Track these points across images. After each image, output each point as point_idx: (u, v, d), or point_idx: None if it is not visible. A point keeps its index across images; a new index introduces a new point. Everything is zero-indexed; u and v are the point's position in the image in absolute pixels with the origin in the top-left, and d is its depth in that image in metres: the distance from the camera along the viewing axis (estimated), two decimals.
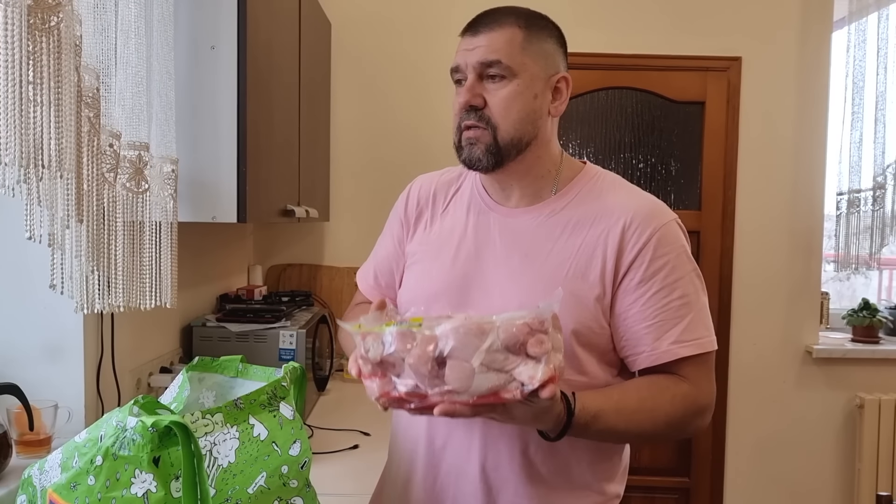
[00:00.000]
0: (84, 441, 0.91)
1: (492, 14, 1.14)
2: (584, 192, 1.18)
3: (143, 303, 1.35)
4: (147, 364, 1.78)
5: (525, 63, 1.12)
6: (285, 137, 2.07)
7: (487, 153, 1.13)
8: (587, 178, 1.20)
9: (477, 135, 1.13)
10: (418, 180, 1.34)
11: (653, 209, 1.15)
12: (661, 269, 1.11)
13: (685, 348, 1.11)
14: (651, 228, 1.12)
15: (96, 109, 1.16)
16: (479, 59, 1.11)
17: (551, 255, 1.15)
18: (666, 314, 1.11)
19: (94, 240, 1.18)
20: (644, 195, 1.19)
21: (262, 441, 0.98)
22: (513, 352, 0.87)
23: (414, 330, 0.89)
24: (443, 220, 1.26)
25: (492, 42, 1.11)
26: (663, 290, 1.11)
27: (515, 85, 1.11)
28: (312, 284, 2.88)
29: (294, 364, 1.12)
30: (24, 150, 0.96)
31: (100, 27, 1.20)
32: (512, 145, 1.13)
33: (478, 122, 1.12)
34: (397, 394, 0.91)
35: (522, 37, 1.12)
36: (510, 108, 1.11)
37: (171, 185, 1.41)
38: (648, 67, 2.94)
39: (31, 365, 1.40)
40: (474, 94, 1.12)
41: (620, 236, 1.12)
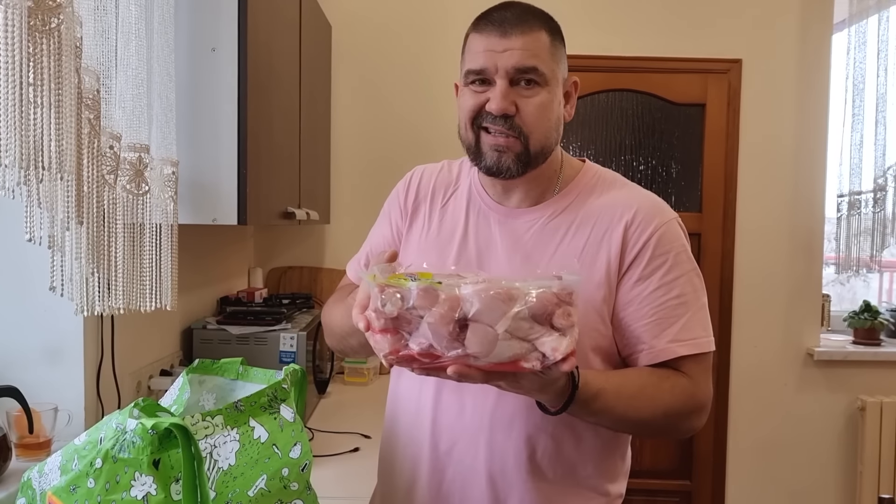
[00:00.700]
0: (84, 444, 0.91)
1: (517, 14, 1.08)
2: (586, 191, 1.17)
3: (143, 305, 1.34)
4: (147, 367, 1.78)
5: (554, 69, 1.09)
6: (286, 139, 2.07)
7: (518, 162, 1.09)
8: (588, 176, 1.19)
9: (508, 143, 1.08)
10: (419, 170, 1.30)
11: (654, 207, 1.14)
12: (660, 268, 1.10)
13: (682, 347, 1.10)
14: (653, 226, 1.11)
15: (97, 111, 1.16)
16: (514, 65, 1.06)
17: (555, 256, 1.13)
18: (663, 312, 1.10)
19: (94, 242, 1.18)
20: (644, 193, 1.18)
21: (262, 443, 0.98)
22: (539, 321, 0.85)
23: (437, 288, 0.85)
24: (441, 219, 1.23)
25: (528, 46, 1.06)
26: (661, 288, 1.10)
27: (547, 93, 1.08)
28: (313, 287, 2.87)
29: (295, 366, 1.12)
30: (25, 152, 0.96)
31: (100, 29, 1.20)
32: (541, 153, 1.11)
33: (509, 131, 1.08)
34: (408, 352, 0.88)
35: (549, 42, 1.09)
36: (543, 116, 1.08)
37: (171, 187, 1.41)
38: (649, 70, 2.94)
39: (31, 367, 1.40)
40: (510, 101, 1.07)
41: (623, 234, 1.11)
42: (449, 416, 1.17)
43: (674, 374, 1.10)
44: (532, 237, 1.15)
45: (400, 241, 1.27)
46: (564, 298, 0.85)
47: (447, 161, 1.29)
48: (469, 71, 1.09)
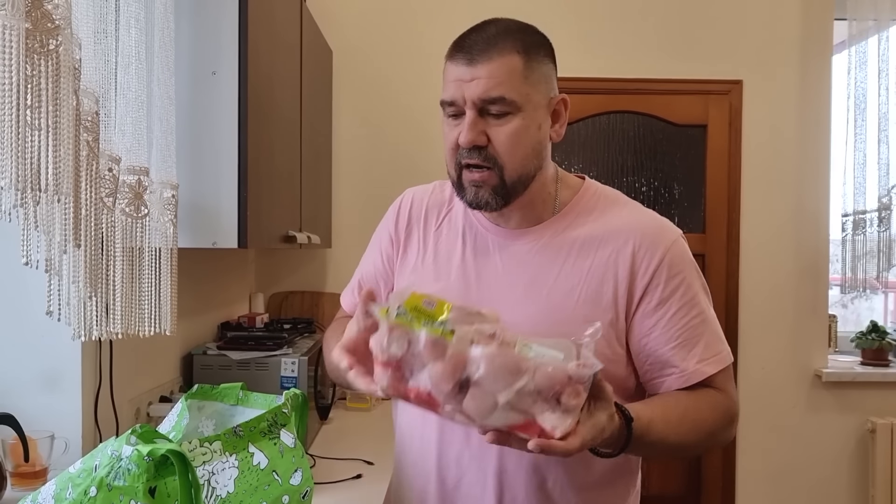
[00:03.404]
0: (78, 472, 0.88)
1: (486, 38, 1.03)
2: (586, 211, 1.14)
3: (142, 330, 1.32)
4: (146, 393, 1.75)
5: (528, 94, 1.04)
6: (286, 163, 2.07)
7: (495, 195, 1.06)
8: (587, 195, 1.16)
9: (483, 177, 1.05)
10: (409, 193, 1.26)
11: (660, 228, 1.12)
12: (678, 289, 1.08)
13: (710, 365, 1.08)
14: (662, 249, 1.09)
15: (95, 133, 1.15)
16: (479, 95, 1.02)
17: (559, 279, 1.10)
18: (688, 333, 1.08)
19: (92, 265, 1.16)
20: (646, 212, 1.16)
21: (262, 470, 0.95)
22: (544, 398, 0.82)
23: (447, 341, 0.83)
24: (437, 241, 1.19)
25: (493, 74, 1.01)
26: (682, 308, 1.08)
27: (520, 119, 1.03)
28: (314, 312, 2.85)
29: (295, 391, 1.10)
30: (22, 174, 0.95)
31: (100, 52, 1.19)
32: (519, 182, 1.07)
33: (483, 162, 1.04)
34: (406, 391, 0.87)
35: (523, 64, 1.03)
36: (516, 145, 1.04)
37: (171, 211, 1.40)
38: (650, 91, 2.94)
39: (28, 394, 1.38)
40: (478, 132, 1.03)
41: (631, 259, 1.08)
42: (455, 448, 1.13)
43: (708, 393, 1.09)
44: (534, 259, 1.12)
45: (392, 270, 1.24)
46: (577, 378, 0.82)
47: (439, 181, 1.26)
48: (442, 101, 1.06)
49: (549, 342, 0.86)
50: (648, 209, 1.17)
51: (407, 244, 1.22)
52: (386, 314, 0.87)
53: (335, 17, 2.85)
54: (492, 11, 1.11)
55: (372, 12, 2.90)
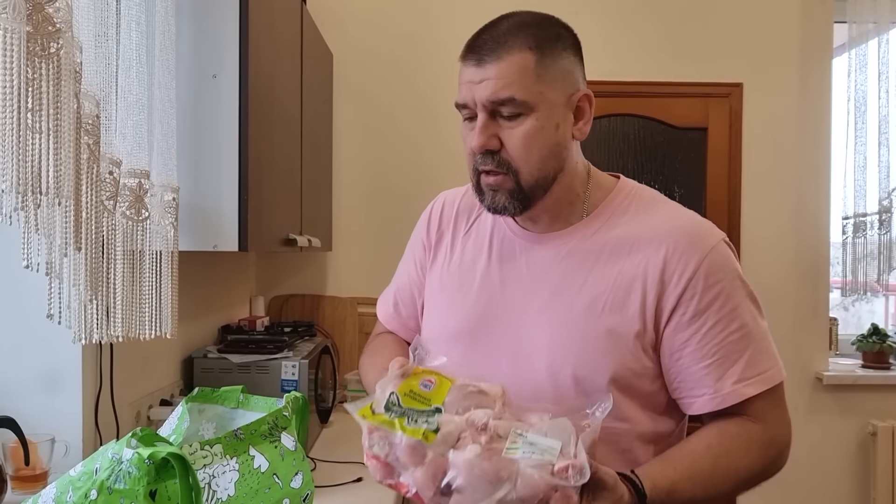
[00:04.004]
0: (79, 475, 0.88)
1: (496, 36, 0.98)
2: (618, 213, 1.07)
3: (142, 333, 1.32)
4: (147, 396, 1.75)
5: (542, 92, 0.98)
6: (287, 166, 2.07)
7: (512, 199, 1.01)
8: (621, 196, 1.09)
9: (498, 181, 1.01)
10: (440, 198, 1.23)
11: (697, 231, 1.03)
12: (716, 300, 0.99)
13: (751, 386, 0.99)
14: (698, 255, 1.00)
15: (96, 136, 1.15)
16: (488, 97, 0.97)
17: (584, 287, 1.03)
18: (725, 349, 0.99)
19: (92, 268, 1.16)
20: (686, 214, 1.08)
21: (262, 473, 0.95)
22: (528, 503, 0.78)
23: (426, 445, 0.81)
24: (464, 246, 1.15)
25: (501, 74, 0.96)
26: (720, 322, 0.99)
27: (534, 120, 0.98)
28: (315, 315, 2.85)
29: (296, 394, 1.10)
30: (22, 177, 0.95)
31: (101, 55, 1.19)
32: (538, 186, 1.01)
33: (497, 168, 1.00)
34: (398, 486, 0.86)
35: (535, 61, 0.97)
36: (531, 147, 0.99)
37: (171, 214, 1.40)
38: (650, 94, 2.94)
39: (28, 397, 1.38)
40: (489, 135, 0.99)
41: (662, 266, 1.00)
42: None
43: (744, 429, 1.00)
44: (560, 265, 1.06)
45: (425, 279, 1.21)
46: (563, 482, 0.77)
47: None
48: (456, 104, 1.03)
49: (547, 425, 0.81)
50: (688, 210, 1.09)
51: (437, 250, 1.19)
52: (364, 414, 0.85)
53: (335, 19, 2.85)
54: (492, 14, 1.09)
55: (372, 15, 2.90)
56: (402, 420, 0.83)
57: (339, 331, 2.83)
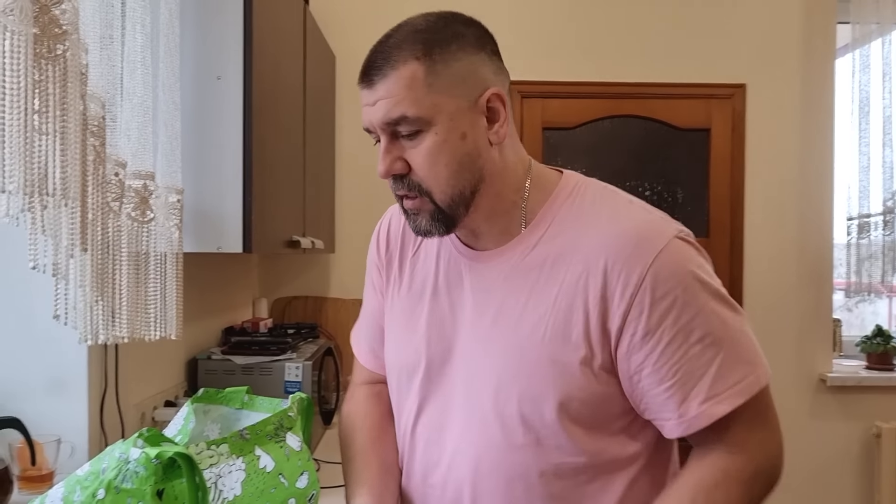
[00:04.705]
0: (86, 474, 0.88)
1: (383, 52, 0.90)
2: (560, 219, 0.95)
3: (147, 334, 1.33)
4: (151, 398, 1.76)
5: (437, 104, 0.88)
6: (291, 168, 2.07)
7: (433, 221, 0.93)
8: (561, 198, 0.96)
9: (415, 205, 0.93)
10: (387, 215, 1.14)
11: (639, 235, 0.89)
12: (669, 312, 0.87)
13: (722, 404, 0.87)
14: (641, 265, 0.87)
15: (102, 138, 1.16)
16: (381, 119, 0.89)
17: (525, 310, 0.93)
18: (688, 366, 0.87)
19: (98, 270, 1.17)
20: (631, 215, 0.93)
21: (268, 473, 0.95)
22: None
23: None
24: (413, 269, 1.06)
25: (390, 92, 0.88)
26: (677, 336, 0.87)
27: (434, 136, 0.88)
28: (318, 317, 2.85)
29: (301, 394, 1.10)
30: (29, 179, 0.95)
31: (106, 57, 1.20)
32: (456, 204, 0.92)
33: (409, 192, 0.92)
34: None
35: (425, 71, 0.88)
36: (436, 165, 0.89)
37: (176, 215, 1.40)
38: (652, 95, 2.95)
39: (34, 398, 1.38)
40: (393, 159, 0.91)
41: (603, 280, 0.88)
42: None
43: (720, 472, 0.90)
44: (502, 287, 0.95)
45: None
46: None
47: None
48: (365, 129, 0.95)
49: None
50: (638, 207, 0.96)
51: (388, 273, 1.10)
52: None
53: (338, 21, 2.86)
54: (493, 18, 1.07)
55: (375, 17, 2.91)
56: None
57: (343, 332, 2.83)
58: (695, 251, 0.92)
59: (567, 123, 2.92)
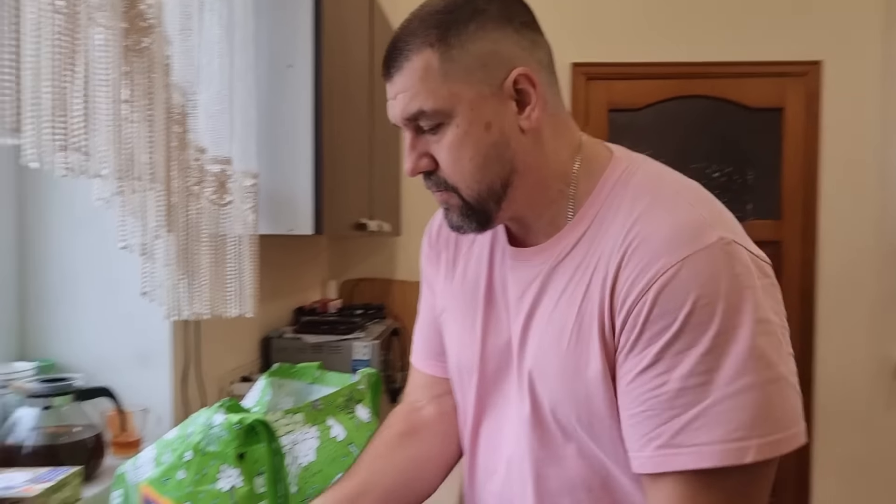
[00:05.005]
0: (174, 438, 0.96)
1: (398, 42, 0.83)
2: (603, 212, 0.83)
3: (226, 311, 1.40)
4: (229, 373, 1.85)
5: (455, 93, 0.80)
6: (359, 152, 2.13)
7: (464, 217, 0.86)
8: (607, 187, 0.84)
9: (445, 199, 0.87)
10: (437, 214, 1.04)
11: (668, 236, 0.75)
12: (661, 336, 0.72)
13: (679, 458, 0.71)
14: (654, 270, 0.74)
15: (184, 125, 1.23)
16: (401, 115, 0.83)
17: (553, 317, 0.84)
18: (659, 400, 0.73)
19: (181, 250, 1.24)
20: (668, 210, 0.78)
21: (339, 442, 1.00)
22: None
23: None
24: (467, 264, 0.98)
25: (406, 86, 0.81)
26: (659, 363, 0.73)
27: (455, 128, 0.81)
28: (385, 298, 2.92)
29: (370, 370, 1.15)
30: (119, 164, 1.02)
31: (186, 48, 1.27)
32: (486, 198, 0.84)
33: (437, 188, 0.87)
34: None
35: (440, 58, 0.80)
36: (460, 160, 0.82)
37: (251, 199, 1.47)
38: (722, 75, 2.88)
39: (123, 371, 1.47)
40: (418, 155, 0.85)
41: (614, 278, 0.77)
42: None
43: None
44: (537, 290, 0.86)
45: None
46: None
47: None
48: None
49: None
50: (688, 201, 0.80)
51: (442, 272, 1.03)
52: None
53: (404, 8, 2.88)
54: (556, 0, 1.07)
55: None
56: None
57: (409, 314, 2.89)
58: (741, 267, 0.73)
59: (633, 105, 2.89)
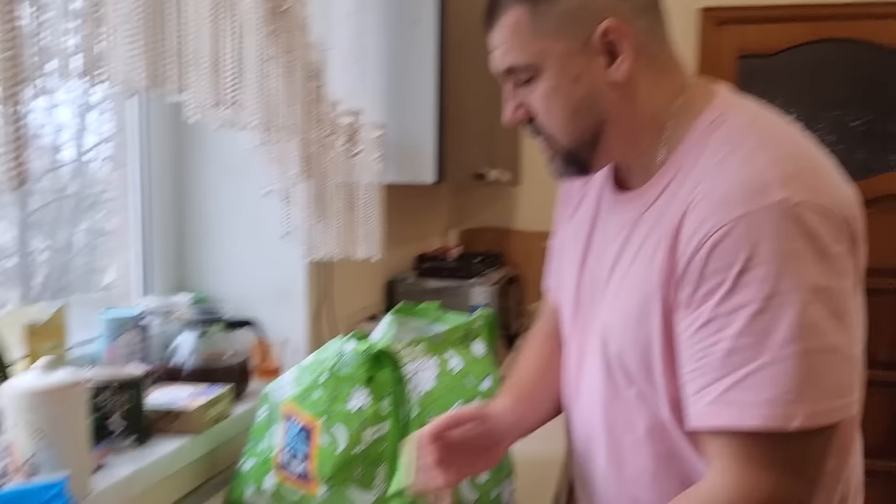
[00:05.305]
0: (312, 362, 1.08)
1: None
2: (689, 160, 0.82)
3: (356, 253, 1.52)
4: (356, 312, 1.99)
5: (543, 48, 0.82)
6: (480, 103, 2.18)
7: (565, 164, 0.90)
8: (696, 134, 0.83)
9: (545, 146, 0.90)
10: None
11: (732, 190, 0.74)
12: (715, 292, 0.73)
13: (722, 414, 0.73)
14: (709, 225, 0.74)
15: (319, 80, 1.33)
16: (498, 69, 0.88)
17: (632, 265, 0.85)
18: (712, 358, 0.74)
19: (317, 196, 1.36)
20: (746, 162, 0.76)
21: (456, 373, 1.09)
22: None
23: None
24: (582, 206, 1.02)
25: (501, 40, 0.85)
26: (714, 322, 0.73)
27: (546, 81, 0.84)
28: (503, 247, 2.99)
29: (487, 309, 1.23)
30: (265, 117, 1.13)
31: (321, 8, 1.36)
32: (580, 148, 0.87)
33: (537, 135, 0.90)
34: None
35: (529, 14, 0.82)
36: (552, 112, 0.85)
37: (378, 149, 1.57)
38: (863, 16, 2.68)
39: (265, 305, 1.63)
40: (515, 106, 0.89)
41: (675, 237, 0.78)
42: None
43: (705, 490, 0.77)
44: (621, 239, 0.89)
45: None
46: None
47: None
48: None
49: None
50: (771, 156, 0.76)
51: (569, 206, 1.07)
52: None
53: None
54: None
55: None
56: None
57: (527, 263, 2.95)
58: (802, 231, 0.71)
59: (766, 50, 2.75)
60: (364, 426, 0.98)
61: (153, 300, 1.46)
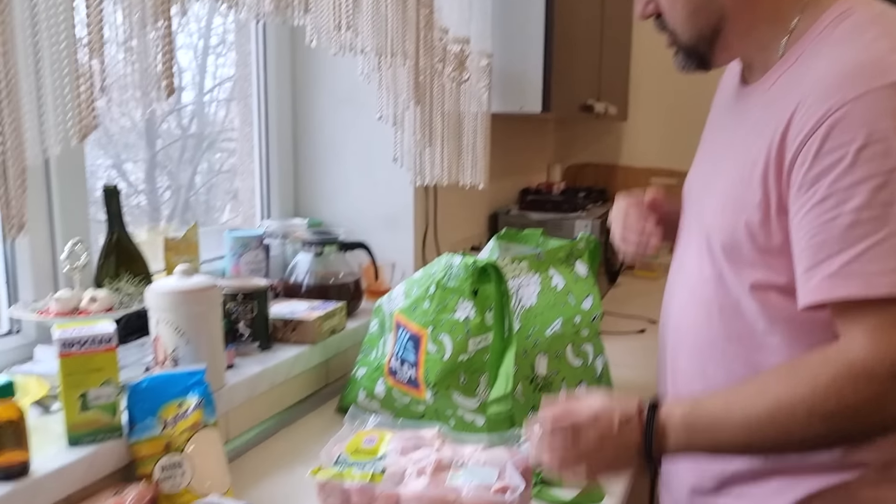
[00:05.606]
0: (421, 276, 1.14)
1: None
2: (810, 51, 0.83)
3: (462, 180, 1.56)
4: (460, 242, 2.05)
5: None
6: (588, 33, 2.14)
7: (686, 58, 0.95)
8: (821, 27, 0.84)
9: (670, 41, 0.96)
10: None
11: (849, 70, 0.76)
12: (832, 169, 0.74)
13: (841, 286, 0.74)
14: (827, 105, 0.75)
15: (430, 7, 1.36)
16: None
17: (741, 149, 0.88)
18: (828, 233, 0.75)
19: (425, 122, 1.40)
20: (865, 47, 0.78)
21: (558, 291, 1.13)
22: None
23: (374, 485, 0.88)
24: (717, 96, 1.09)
25: None
26: (831, 198, 0.74)
27: None
28: (608, 183, 2.95)
29: (589, 234, 1.25)
30: (378, 43, 1.18)
31: None
32: (700, 43, 0.92)
33: (662, 30, 0.96)
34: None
35: None
36: (674, 7, 0.92)
37: (486, 77, 1.59)
38: None
39: (375, 230, 1.71)
40: (646, 1, 0.95)
41: (789, 119, 0.79)
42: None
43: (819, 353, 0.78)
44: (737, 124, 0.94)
45: None
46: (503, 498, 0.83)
47: None
48: None
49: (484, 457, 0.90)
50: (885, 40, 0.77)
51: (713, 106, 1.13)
52: (318, 470, 0.91)
53: None
54: None
55: None
56: (351, 470, 0.91)
57: None
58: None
59: None
60: (469, 336, 1.04)
61: (273, 223, 1.56)
